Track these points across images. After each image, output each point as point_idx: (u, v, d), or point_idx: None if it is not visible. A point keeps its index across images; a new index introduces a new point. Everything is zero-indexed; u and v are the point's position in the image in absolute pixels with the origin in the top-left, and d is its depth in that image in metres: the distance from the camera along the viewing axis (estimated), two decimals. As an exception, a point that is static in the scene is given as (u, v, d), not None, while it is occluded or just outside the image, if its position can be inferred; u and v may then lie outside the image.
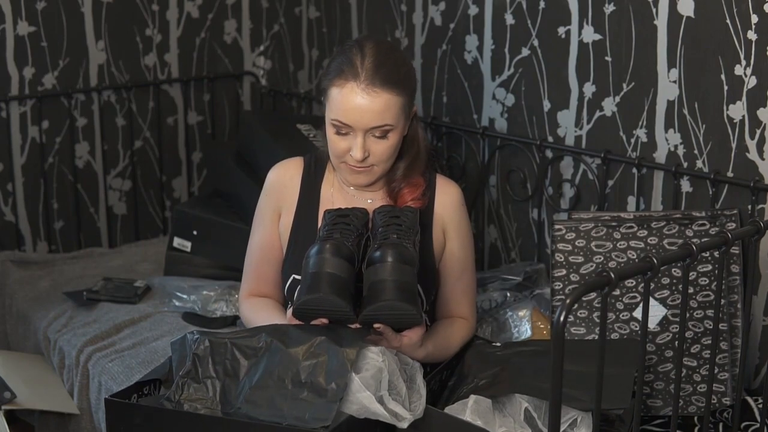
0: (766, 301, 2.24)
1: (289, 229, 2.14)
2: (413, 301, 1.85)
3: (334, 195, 2.14)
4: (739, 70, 2.21)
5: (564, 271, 2.17)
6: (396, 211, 2.01)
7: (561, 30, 2.58)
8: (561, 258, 2.17)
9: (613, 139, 2.51)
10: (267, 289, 2.18)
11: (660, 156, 2.41)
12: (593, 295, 2.08)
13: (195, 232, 2.77)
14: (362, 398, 1.69)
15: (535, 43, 2.65)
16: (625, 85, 2.46)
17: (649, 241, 2.13)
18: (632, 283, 2.10)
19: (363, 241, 1.98)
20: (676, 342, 2.04)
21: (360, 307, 1.86)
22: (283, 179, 2.17)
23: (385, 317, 1.85)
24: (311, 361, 1.74)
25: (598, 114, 2.54)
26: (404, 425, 1.72)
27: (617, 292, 2.10)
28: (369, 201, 2.13)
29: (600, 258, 2.15)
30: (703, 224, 2.12)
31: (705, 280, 2.07)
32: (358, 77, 1.96)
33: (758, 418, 2.06)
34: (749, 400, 2.12)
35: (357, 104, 1.96)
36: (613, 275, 1.54)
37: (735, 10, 2.19)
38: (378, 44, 2.03)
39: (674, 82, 2.34)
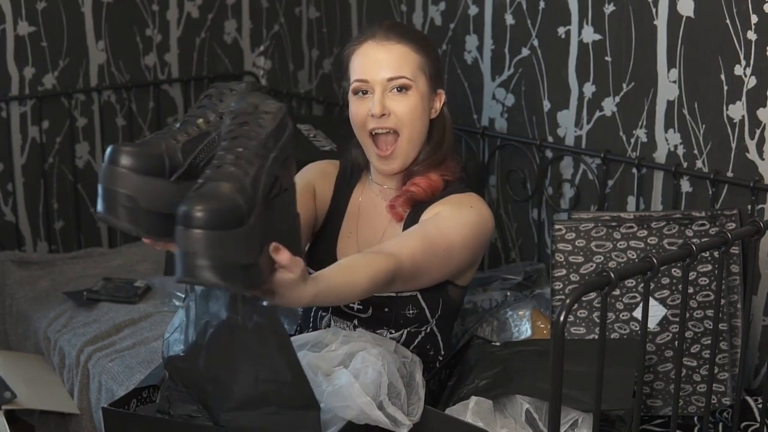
0: (766, 301, 2.24)
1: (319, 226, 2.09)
2: (234, 277, 1.40)
3: (361, 204, 2.10)
4: (739, 70, 2.21)
5: (564, 271, 2.17)
6: (247, 110, 1.46)
7: (561, 30, 2.58)
8: (561, 258, 2.17)
9: (613, 139, 2.51)
10: None
11: (660, 156, 2.41)
12: (593, 295, 2.08)
13: (195, 232, 2.77)
14: (362, 404, 1.68)
15: (535, 43, 2.65)
16: (625, 85, 2.46)
17: (649, 241, 2.13)
18: (632, 283, 2.10)
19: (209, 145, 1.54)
20: (676, 342, 2.04)
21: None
22: (325, 168, 2.14)
23: None
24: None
25: (598, 114, 2.54)
26: (403, 431, 1.72)
27: (617, 292, 2.10)
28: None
29: (600, 258, 2.15)
30: (703, 224, 2.12)
31: (705, 280, 2.07)
32: (375, 35, 2.01)
33: (758, 418, 2.06)
34: (749, 400, 2.12)
35: (373, 57, 1.99)
36: (613, 275, 1.54)
37: (735, 10, 2.19)
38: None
39: (674, 82, 2.34)
